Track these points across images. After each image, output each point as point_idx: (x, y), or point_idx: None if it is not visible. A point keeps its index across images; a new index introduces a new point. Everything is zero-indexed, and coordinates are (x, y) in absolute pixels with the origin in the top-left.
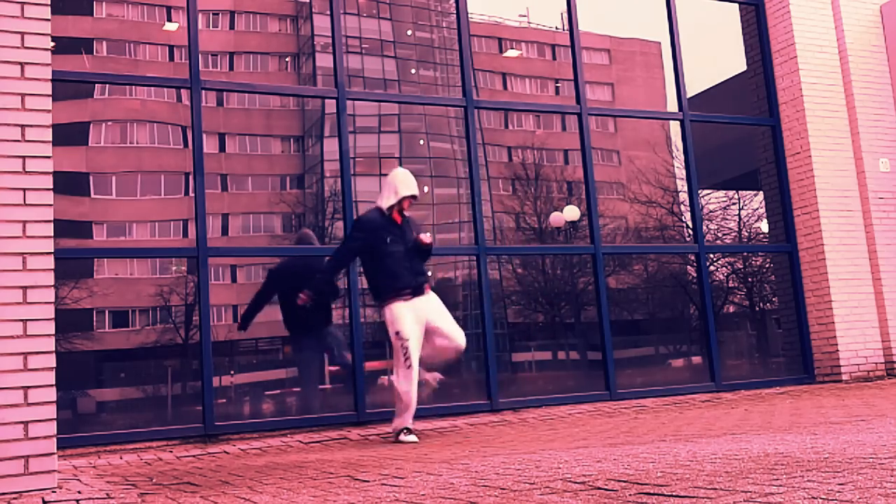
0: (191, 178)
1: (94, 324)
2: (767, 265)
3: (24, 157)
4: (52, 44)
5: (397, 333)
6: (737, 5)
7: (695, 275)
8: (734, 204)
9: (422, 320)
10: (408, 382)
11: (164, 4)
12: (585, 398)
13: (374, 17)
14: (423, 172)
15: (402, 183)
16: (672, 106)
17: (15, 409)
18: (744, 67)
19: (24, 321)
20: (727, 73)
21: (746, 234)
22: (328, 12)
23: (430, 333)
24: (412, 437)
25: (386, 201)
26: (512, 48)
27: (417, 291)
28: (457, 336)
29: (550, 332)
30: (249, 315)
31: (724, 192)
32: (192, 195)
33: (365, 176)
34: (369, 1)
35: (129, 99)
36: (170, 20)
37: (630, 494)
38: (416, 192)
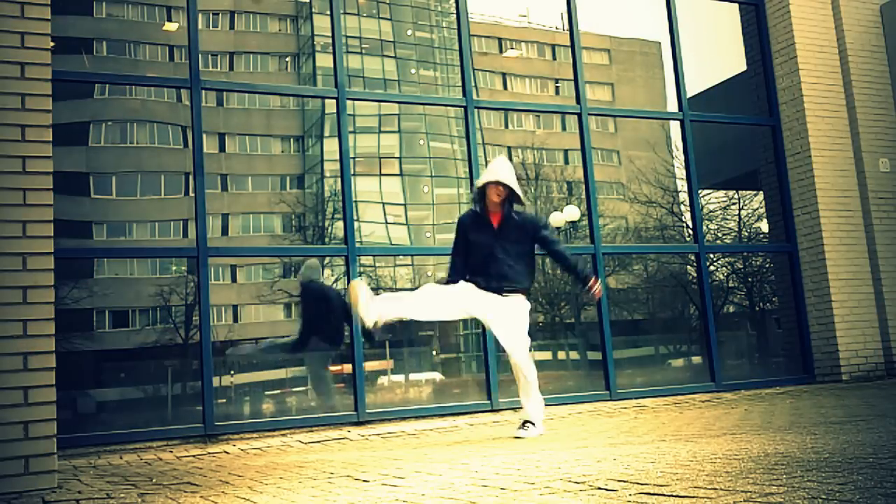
0: (191, 178)
1: (94, 324)
2: (767, 265)
3: (24, 157)
4: (52, 44)
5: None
6: (737, 5)
7: (695, 275)
8: (734, 204)
9: (476, 307)
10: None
11: (164, 4)
12: (585, 398)
13: (374, 17)
14: (423, 172)
15: (487, 171)
16: (672, 106)
17: (15, 409)
18: (744, 67)
19: (24, 321)
20: (727, 73)
21: (746, 234)
22: (328, 12)
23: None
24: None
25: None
26: (512, 48)
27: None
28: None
29: (550, 332)
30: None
31: (724, 192)
32: (192, 195)
33: (365, 176)
34: (369, 1)
35: (129, 99)
36: (170, 20)
37: (630, 494)
38: (496, 178)
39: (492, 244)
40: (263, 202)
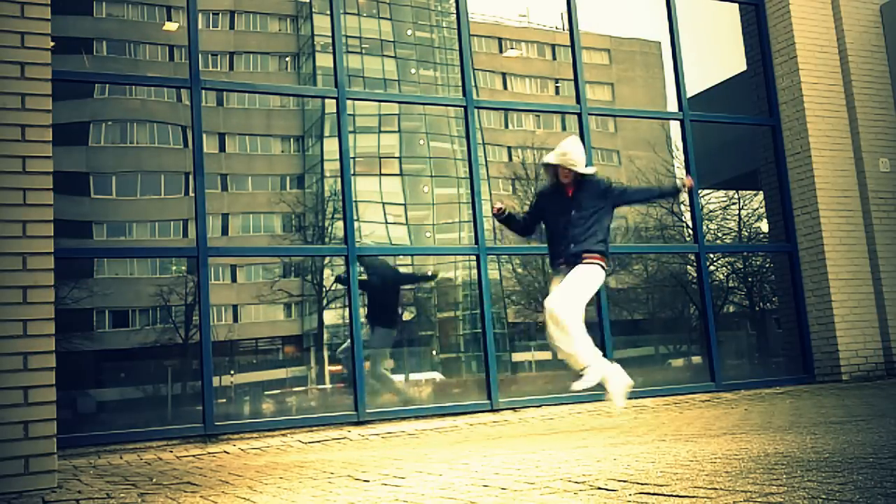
0: (191, 178)
1: (94, 324)
2: (767, 265)
3: (24, 157)
4: (52, 44)
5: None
6: (737, 5)
7: (695, 275)
8: (734, 204)
9: None
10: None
11: (164, 4)
12: (586, 398)
13: (374, 17)
14: (423, 172)
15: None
16: (672, 106)
17: (15, 409)
18: (744, 67)
19: (24, 321)
20: (727, 73)
21: (746, 234)
22: (328, 12)
23: None
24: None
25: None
26: (512, 48)
27: (570, 262)
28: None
29: None
30: None
31: (724, 192)
32: (192, 195)
33: (365, 176)
34: (369, 1)
35: (129, 99)
36: (170, 20)
37: (630, 494)
38: (551, 160)
39: (567, 213)
40: (263, 202)
